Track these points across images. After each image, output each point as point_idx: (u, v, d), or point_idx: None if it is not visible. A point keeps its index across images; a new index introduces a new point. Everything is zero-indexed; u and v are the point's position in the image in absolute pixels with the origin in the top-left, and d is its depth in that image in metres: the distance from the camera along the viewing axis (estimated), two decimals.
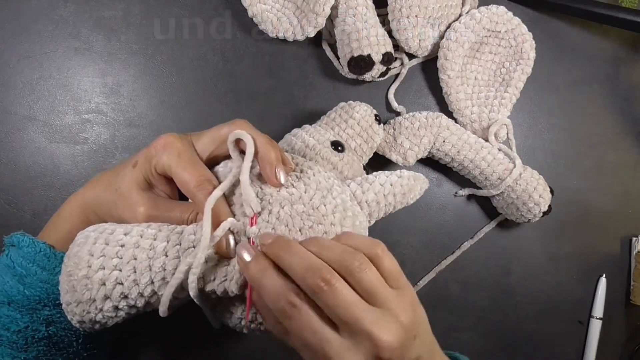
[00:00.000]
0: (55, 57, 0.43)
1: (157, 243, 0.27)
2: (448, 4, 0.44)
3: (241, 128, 0.31)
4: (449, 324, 0.48)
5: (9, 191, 0.42)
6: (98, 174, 0.33)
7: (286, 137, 0.38)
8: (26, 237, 0.31)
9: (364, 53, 0.41)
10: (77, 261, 0.26)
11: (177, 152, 0.29)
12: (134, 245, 0.26)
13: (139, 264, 0.26)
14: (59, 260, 0.30)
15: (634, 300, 0.52)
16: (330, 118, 0.40)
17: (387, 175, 0.34)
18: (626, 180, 0.53)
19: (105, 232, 0.27)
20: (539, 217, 0.45)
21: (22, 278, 0.30)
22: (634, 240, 0.52)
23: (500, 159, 0.44)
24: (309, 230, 0.29)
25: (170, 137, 0.30)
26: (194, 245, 0.27)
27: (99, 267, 0.26)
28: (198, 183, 0.28)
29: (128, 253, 0.26)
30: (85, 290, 0.25)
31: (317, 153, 0.36)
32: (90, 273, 0.26)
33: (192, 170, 0.29)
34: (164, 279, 0.26)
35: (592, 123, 0.52)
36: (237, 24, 0.45)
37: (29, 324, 0.29)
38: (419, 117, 0.43)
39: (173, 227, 0.28)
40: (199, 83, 0.45)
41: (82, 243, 0.27)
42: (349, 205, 0.32)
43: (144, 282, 0.26)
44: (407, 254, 0.48)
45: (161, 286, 0.26)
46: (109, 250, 0.26)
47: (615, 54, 0.53)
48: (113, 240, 0.27)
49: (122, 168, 0.31)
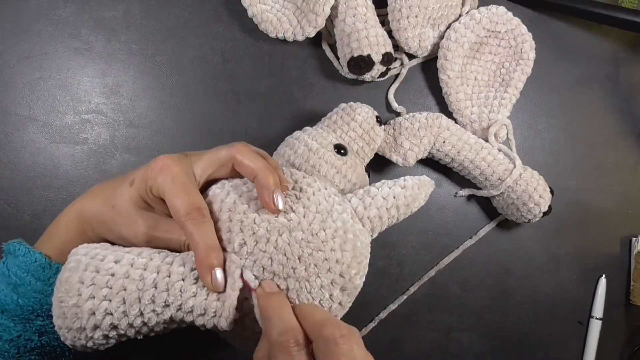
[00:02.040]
0: (55, 58, 0.43)
1: (147, 274, 0.26)
2: (448, 4, 0.44)
3: (240, 152, 0.30)
4: (449, 324, 0.48)
5: (9, 191, 0.42)
6: (96, 185, 0.33)
7: (287, 140, 0.38)
8: (22, 246, 0.30)
9: (364, 53, 0.41)
10: (68, 288, 0.26)
11: (171, 176, 0.28)
12: (123, 275, 0.26)
13: (128, 296, 0.26)
14: (53, 271, 0.30)
15: (634, 300, 0.52)
16: (332, 120, 0.40)
17: (390, 187, 0.33)
18: (626, 180, 0.53)
19: (96, 258, 0.27)
20: (539, 217, 0.45)
21: (16, 287, 0.29)
22: (634, 240, 0.52)
23: (500, 159, 0.44)
24: (308, 257, 0.28)
25: (167, 160, 0.29)
26: (183, 278, 0.27)
27: (89, 296, 0.25)
28: (188, 211, 0.27)
29: (118, 283, 0.26)
30: (75, 318, 0.25)
31: (321, 157, 0.36)
32: (80, 302, 0.25)
33: (184, 196, 0.28)
34: (154, 311, 0.26)
35: (592, 123, 0.52)
36: (237, 24, 0.45)
37: (21, 333, 0.29)
38: (419, 117, 0.43)
39: (164, 256, 0.28)
40: (199, 83, 0.45)
41: (73, 268, 0.26)
42: (350, 227, 0.31)
43: (133, 313, 0.26)
44: (407, 254, 0.48)
45: (151, 318, 0.26)
46: (99, 279, 0.26)
47: (615, 54, 0.53)
48: (103, 268, 0.26)
49: (119, 184, 0.31)
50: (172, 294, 0.26)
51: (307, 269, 0.28)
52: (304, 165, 0.35)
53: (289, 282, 0.28)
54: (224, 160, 0.30)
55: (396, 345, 0.49)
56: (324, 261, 0.29)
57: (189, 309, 0.26)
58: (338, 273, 0.29)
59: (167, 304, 0.26)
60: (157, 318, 0.26)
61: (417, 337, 0.48)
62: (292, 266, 0.28)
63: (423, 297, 0.48)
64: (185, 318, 0.27)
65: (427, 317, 0.48)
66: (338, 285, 0.29)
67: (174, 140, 0.44)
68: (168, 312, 0.26)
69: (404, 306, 0.47)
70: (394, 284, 0.47)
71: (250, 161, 0.30)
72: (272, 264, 0.28)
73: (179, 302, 0.26)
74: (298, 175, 0.33)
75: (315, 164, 0.35)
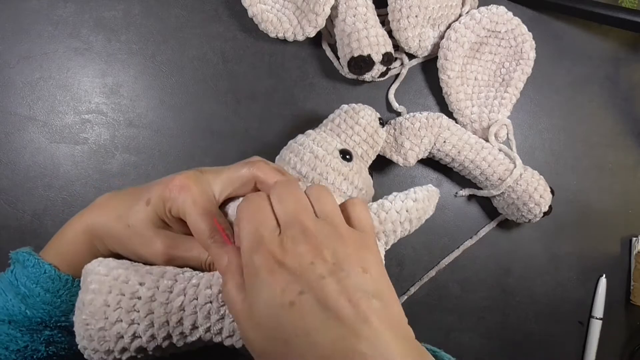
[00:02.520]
0: (55, 58, 0.43)
1: (173, 297, 0.26)
2: (448, 4, 0.44)
3: (259, 168, 0.30)
4: (449, 324, 0.48)
5: (9, 191, 0.42)
6: (102, 197, 0.32)
7: (291, 145, 0.37)
8: (32, 256, 0.30)
9: (364, 53, 0.41)
10: (93, 311, 0.26)
11: (192, 198, 0.28)
12: (150, 298, 0.26)
13: (156, 319, 0.26)
14: (63, 283, 0.30)
15: (634, 300, 0.52)
16: (335, 124, 0.39)
17: (403, 200, 0.33)
18: (626, 180, 0.53)
19: (119, 280, 0.27)
20: (539, 217, 0.45)
21: (24, 298, 0.29)
22: (634, 240, 0.52)
23: (500, 159, 0.44)
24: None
25: (185, 180, 0.29)
26: (211, 301, 0.27)
27: (117, 320, 0.26)
28: (213, 234, 0.28)
29: (145, 307, 0.26)
30: (103, 342, 0.25)
31: (328, 164, 0.35)
32: (108, 326, 0.25)
33: (207, 219, 0.28)
34: (182, 333, 0.26)
35: (592, 123, 0.52)
36: (237, 24, 0.45)
37: (28, 344, 0.29)
38: (420, 117, 0.43)
39: (189, 277, 0.28)
40: (199, 83, 0.45)
41: (96, 290, 0.26)
42: None
43: (162, 336, 0.26)
44: (407, 254, 0.48)
45: (179, 340, 0.26)
46: (126, 302, 0.26)
47: (615, 54, 0.53)
48: (129, 291, 0.26)
49: (133, 202, 0.30)
50: (200, 316, 0.26)
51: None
52: (310, 173, 0.35)
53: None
54: (246, 180, 0.30)
55: None
56: None
57: (217, 330, 0.27)
58: None
59: (195, 326, 0.26)
60: (185, 340, 0.27)
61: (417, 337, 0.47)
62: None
63: (423, 297, 0.48)
64: (213, 339, 0.27)
65: (427, 317, 0.48)
66: None
67: (174, 140, 0.44)
68: (196, 333, 0.27)
69: (404, 306, 0.47)
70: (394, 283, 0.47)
71: (273, 179, 0.30)
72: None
73: (207, 325, 0.26)
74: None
75: (323, 172, 0.35)
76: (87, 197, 0.43)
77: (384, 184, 0.47)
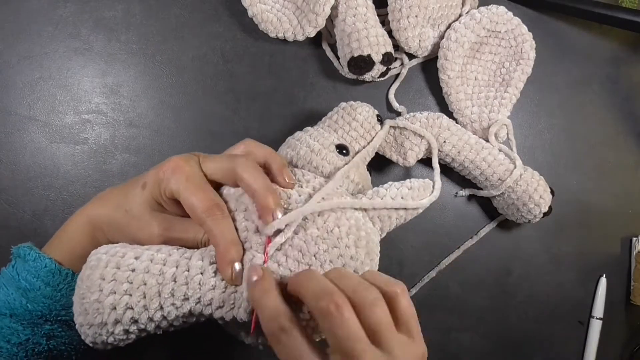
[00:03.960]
0: (55, 57, 0.43)
1: (166, 268, 0.27)
2: (448, 4, 0.44)
3: (249, 146, 0.32)
4: (449, 324, 0.48)
5: (9, 191, 0.42)
6: (103, 191, 0.33)
7: (289, 141, 0.38)
8: (32, 250, 0.31)
9: (364, 53, 0.41)
10: (90, 284, 0.26)
11: (185, 176, 0.29)
12: (143, 270, 0.27)
13: (148, 290, 0.26)
14: (63, 277, 0.30)
15: (634, 300, 0.52)
16: (333, 120, 0.40)
17: (398, 188, 0.34)
18: (626, 180, 0.53)
19: (116, 256, 0.27)
20: (539, 218, 0.45)
21: (25, 292, 0.30)
22: (634, 240, 0.52)
23: (500, 159, 0.44)
24: (323, 254, 0.29)
25: (178, 160, 0.29)
26: (202, 272, 0.27)
27: (110, 292, 0.26)
28: (206, 208, 0.28)
29: (138, 278, 0.26)
30: (96, 314, 0.26)
31: (324, 158, 0.36)
32: (102, 297, 0.26)
33: (200, 194, 0.29)
34: (174, 304, 0.27)
35: (592, 123, 0.52)
36: (237, 24, 0.45)
37: (29, 337, 0.29)
38: (420, 117, 0.43)
39: (183, 252, 0.28)
40: (199, 83, 0.45)
41: (94, 266, 0.27)
42: (362, 225, 0.31)
43: (153, 307, 0.26)
44: (407, 253, 0.48)
45: (170, 311, 0.27)
46: (120, 274, 0.26)
47: (615, 54, 0.53)
48: (124, 264, 0.27)
49: (130, 188, 0.31)
50: (191, 287, 0.27)
51: (322, 266, 0.29)
52: (306, 166, 0.36)
53: None
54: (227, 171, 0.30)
55: None
56: (338, 257, 0.29)
57: (208, 301, 0.27)
58: (353, 269, 0.30)
59: (186, 297, 0.27)
60: (177, 311, 0.27)
61: None
62: (308, 263, 0.29)
63: (423, 297, 0.48)
64: (204, 311, 0.27)
65: (427, 317, 0.48)
66: None
67: (174, 140, 0.44)
68: (187, 305, 0.27)
69: None
70: None
71: (251, 178, 0.29)
72: (287, 261, 0.28)
73: (197, 295, 0.27)
74: (309, 175, 0.33)
75: (318, 165, 0.35)
76: (87, 197, 0.43)
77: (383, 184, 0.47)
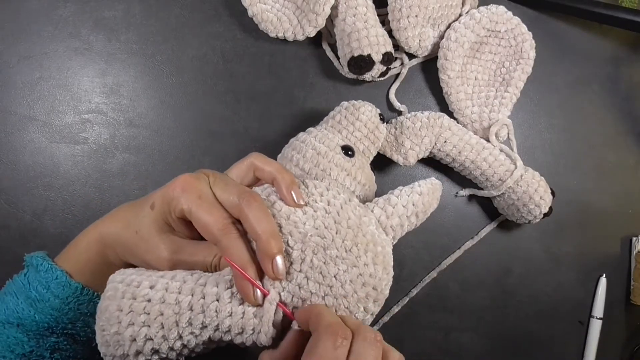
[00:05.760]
0: (55, 57, 0.43)
1: (182, 297, 0.27)
2: (448, 4, 0.44)
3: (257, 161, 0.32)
4: (449, 324, 0.48)
5: (9, 191, 0.42)
6: (118, 207, 0.32)
7: (293, 143, 0.37)
8: (46, 261, 0.30)
9: (364, 53, 0.41)
10: (108, 316, 0.26)
11: (197, 194, 0.28)
12: (159, 300, 0.27)
13: (166, 320, 0.26)
14: (72, 290, 0.30)
15: (634, 300, 0.52)
16: (336, 120, 0.39)
17: (409, 194, 0.34)
18: (626, 180, 0.53)
19: (132, 285, 0.27)
20: (539, 218, 0.45)
21: (34, 302, 0.30)
22: (634, 240, 0.52)
23: (501, 160, 0.44)
24: (343, 274, 0.29)
25: (189, 178, 0.29)
26: (217, 299, 0.27)
27: (129, 324, 0.26)
28: (222, 227, 0.28)
29: (155, 309, 0.26)
30: (117, 346, 0.26)
31: (330, 160, 0.35)
32: (121, 329, 0.26)
33: (215, 212, 0.28)
34: (192, 333, 0.27)
35: (592, 123, 0.52)
36: (237, 24, 0.45)
37: (34, 349, 0.29)
38: (421, 117, 0.43)
39: (197, 278, 0.28)
40: (199, 83, 0.45)
41: (111, 296, 0.27)
42: (378, 239, 0.31)
43: (173, 337, 0.26)
44: (407, 254, 0.48)
45: (190, 340, 0.27)
46: (137, 305, 0.26)
47: (615, 54, 0.53)
48: (140, 294, 0.27)
49: (140, 208, 0.31)
50: (208, 315, 0.26)
51: (343, 286, 0.28)
52: (314, 169, 0.35)
53: (327, 300, 0.28)
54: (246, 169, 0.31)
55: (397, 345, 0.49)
56: (358, 276, 0.29)
57: (226, 328, 0.27)
58: (372, 286, 0.30)
59: (204, 325, 0.27)
60: (197, 339, 0.27)
61: (418, 337, 0.48)
62: (329, 284, 0.28)
63: (423, 297, 0.48)
64: (223, 337, 0.27)
65: (427, 317, 0.48)
66: (372, 297, 0.30)
67: (174, 140, 0.44)
68: (206, 333, 0.27)
69: (404, 306, 0.47)
70: (394, 283, 0.46)
71: (255, 220, 0.29)
72: (308, 283, 0.28)
73: (215, 323, 0.27)
74: (321, 186, 0.33)
75: (326, 168, 0.35)
76: (87, 197, 0.43)
77: (384, 184, 0.47)
